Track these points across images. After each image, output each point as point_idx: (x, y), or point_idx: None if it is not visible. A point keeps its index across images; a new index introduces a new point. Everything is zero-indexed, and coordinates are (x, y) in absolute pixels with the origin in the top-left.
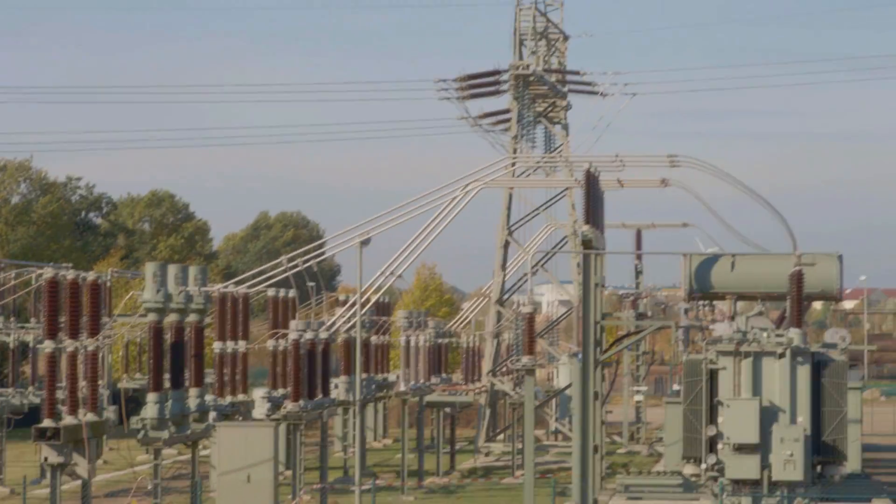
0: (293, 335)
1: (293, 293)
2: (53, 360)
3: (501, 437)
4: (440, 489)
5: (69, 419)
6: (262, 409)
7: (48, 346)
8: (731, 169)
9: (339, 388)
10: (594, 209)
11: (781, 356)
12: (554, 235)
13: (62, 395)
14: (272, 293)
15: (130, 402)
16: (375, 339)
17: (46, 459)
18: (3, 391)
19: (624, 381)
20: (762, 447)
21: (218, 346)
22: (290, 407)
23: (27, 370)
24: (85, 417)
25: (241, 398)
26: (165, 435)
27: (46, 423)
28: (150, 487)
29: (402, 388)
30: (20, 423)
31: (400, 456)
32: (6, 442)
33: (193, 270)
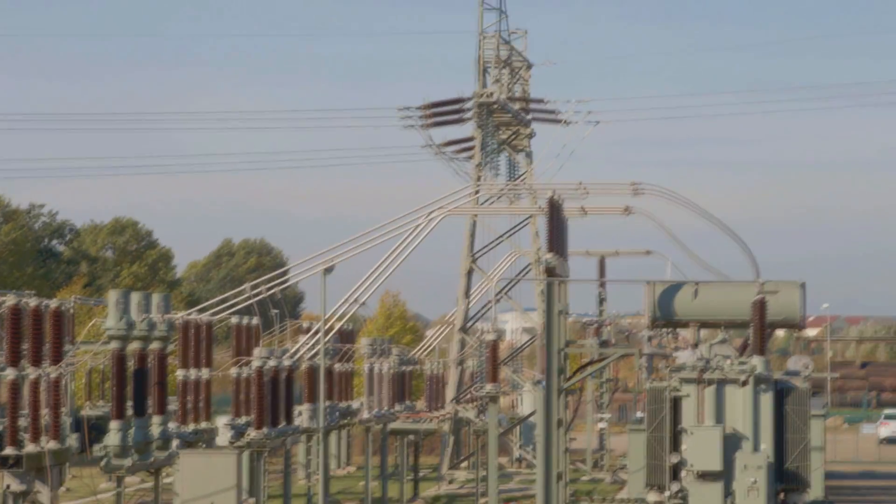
0: (257, 363)
1: (256, 321)
2: (16, 387)
3: (465, 464)
4: None
5: (31, 447)
6: (225, 436)
7: (10, 373)
8: (695, 197)
9: (302, 415)
10: (558, 237)
11: (744, 384)
12: (518, 263)
13: (24, 422)
14: (235, 321)
15: (93, 429)
16: (339, 366)
17: (8, 487)
18: None
19: (587, 408)
20: (725, 475)
21: (181, 373)
22: (253, 434)
23: None
24: (47, 445)
25: (204, 426)
26: (128, 462)
27: (8, 450)
28: None
29: (365, 415)
30: None
31: (364, 483)
32: None
33: (156, 298)
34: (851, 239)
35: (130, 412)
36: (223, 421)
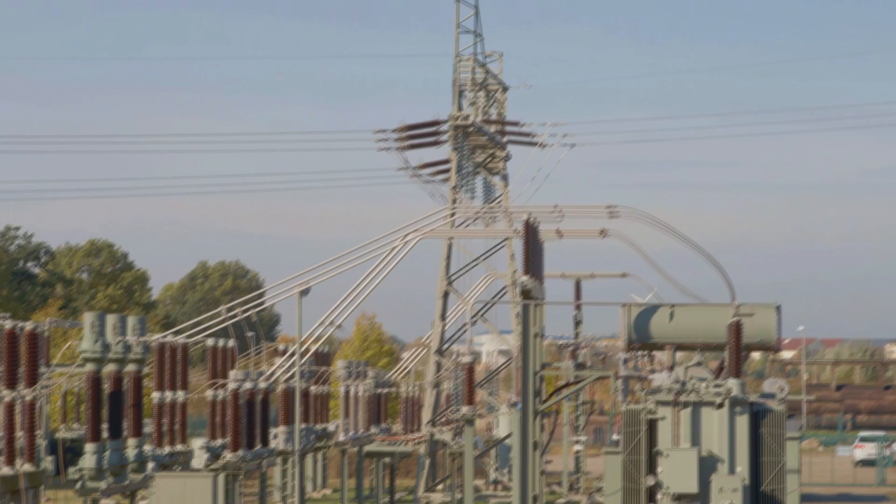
0: (232, 385)
1: (232, 343)
2: None
3: (441, 487)
4: None
5: (6, 469)
6: (201, 459)
7: None
8: (671, 219)
9: (278, 437)
10: (533, 259)
11: (720, 406)
12: (493, 285)
13: None
14: (211, 343)
15: (68, 452)
16: (315, 388)
17: None
18: None
19: (563, 430)
20: (701, 497)
21: (157, 395)
22: (229, 457)
23: None
24: (22, 468)
25: (179, 448)
26: (103, 485)
27: None
28: None
29: (341, 437)
30: None
31: None
32: None
33: (132, 320)
34: (828, 262)
35: (106, 435)
36: (199, 443)
